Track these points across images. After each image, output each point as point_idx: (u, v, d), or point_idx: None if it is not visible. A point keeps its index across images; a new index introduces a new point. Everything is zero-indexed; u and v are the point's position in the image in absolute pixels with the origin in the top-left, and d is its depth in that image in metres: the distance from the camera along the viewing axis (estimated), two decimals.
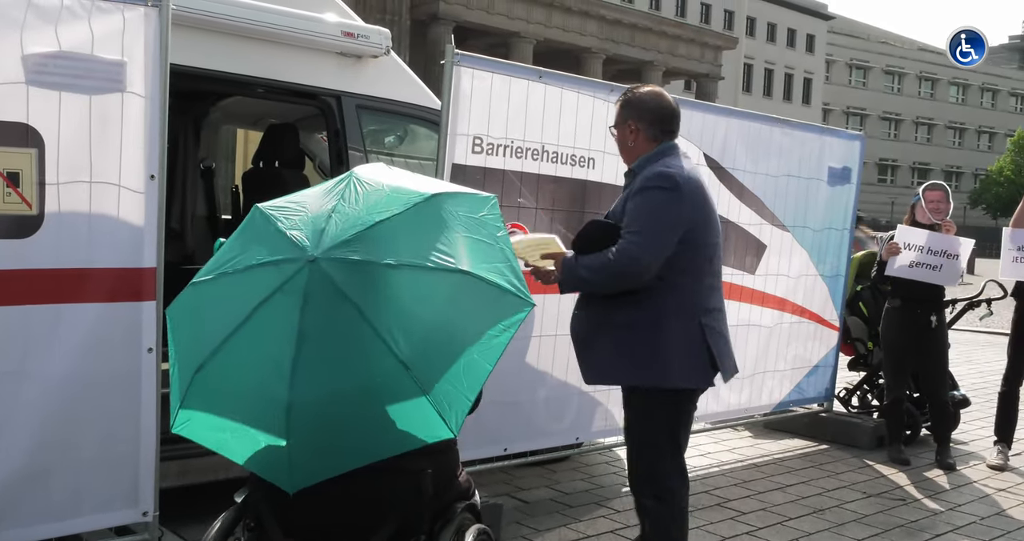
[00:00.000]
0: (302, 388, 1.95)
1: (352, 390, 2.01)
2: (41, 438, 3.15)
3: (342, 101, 4.87)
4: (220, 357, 2.03)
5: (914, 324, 5.89)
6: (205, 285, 2.15)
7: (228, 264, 2.11)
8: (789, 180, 5.90)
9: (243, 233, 2.22)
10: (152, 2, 3.31)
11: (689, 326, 3.21)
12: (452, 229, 2.11)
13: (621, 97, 3.50)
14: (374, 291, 1.99)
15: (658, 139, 3.35)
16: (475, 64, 4.25)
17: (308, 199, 2.22)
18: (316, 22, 4.67)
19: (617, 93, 4.85)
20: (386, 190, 2.17)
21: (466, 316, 2.11)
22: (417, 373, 1.97)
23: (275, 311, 1.99)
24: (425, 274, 2.01)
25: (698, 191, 3.25)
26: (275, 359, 1.97)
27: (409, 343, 1.97)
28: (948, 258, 5.74)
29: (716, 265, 3.38)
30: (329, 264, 1.98)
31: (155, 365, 3.37)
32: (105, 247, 3.22)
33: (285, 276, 1.99)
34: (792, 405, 6.45)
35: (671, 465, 3.29)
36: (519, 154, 4.44)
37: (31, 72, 3.02)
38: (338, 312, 1.96)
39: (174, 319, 2.23)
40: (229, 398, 2.09)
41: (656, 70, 37.22)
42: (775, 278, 5.95)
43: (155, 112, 3.31)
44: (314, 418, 2.00)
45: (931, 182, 6.19)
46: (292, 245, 2.04)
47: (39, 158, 3.05)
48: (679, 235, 3.15)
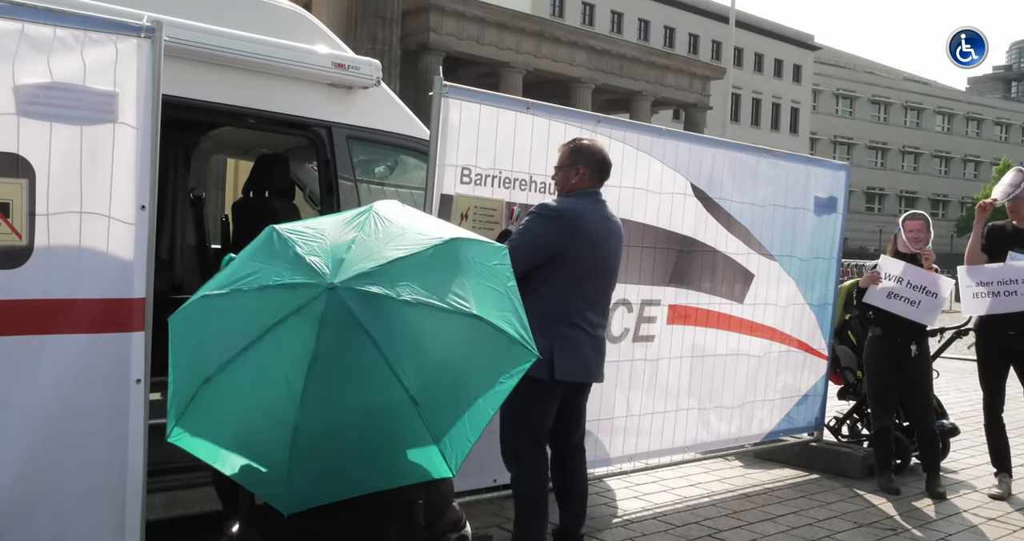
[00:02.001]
0: (311, 411, 1.98)
1: (359, 418, 2.04)
2: (26, 469, 3.13)
3: (332, 131, 4.91)
4: (229, 372, 2.05)
5: (895, 353, 5.93)
6: (216, 299, 2.16)
7: (243, 281, 2.13)
8: (776, 209, 5.96)
9: (258, 252, 2.24)
10: (145, 33, 3.34)
11: (544, 328, 3.67)
12: (467, 274, 2.17)
13: (571, 143, 4.18)
14: (390, 324, 2.03)
15: (594, 184, 4.11)
16: (463, 95, 4.30)
17: (326, 227, 2.25)
18: (307, 53, 4.72)
19: (605, 124, 4.95)
20: (405, 228, 2.22)
21: (475, 360, 2.16)
22: (424, 410, 2.01)
23: (290, 333, 2.02)
24: (440, 314, 2.07)
25: (575, 224, 3.94)
26: (287, 380, 2.00)
27: (419, 379, 2.02)
28: (927, 295, 5.78)
29: (595, 286, 4.06)
30: (348, 293, 2.02)
31: (143, 396, 3.35)
32: (94, 278, 3.22)
33: (302, 300, 2.02)
34: (782, 434, 6.45)
35: (526, 438, 3.98)
36: (507, 184, 4.48)
37: (23, 102, 3.04)
38: (353, 341, 1.99)
39: (178, 328, 2.24)
40: (234, 413, 2.11)
41: (645, 100, 37.53)
42: (763, 307, 5.98)
43: (146, 143, 3.33)
44: (319, 442, 2.02)
45: (911, 211, 6.26)
46: (311, 270, 2.07)
47: (30, 188, 3.06)
48: (545, 253, 3.88)
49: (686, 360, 5.54)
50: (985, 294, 5.74)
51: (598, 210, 4.09)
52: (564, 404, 4.10)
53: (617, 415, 5.18)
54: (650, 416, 5.39)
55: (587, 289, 4.02)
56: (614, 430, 5.19)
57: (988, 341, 5.89)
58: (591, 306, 4.05)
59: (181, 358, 2.21)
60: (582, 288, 3.99)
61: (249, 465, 2.13)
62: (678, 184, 5.32)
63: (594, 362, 4.12)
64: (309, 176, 6.30)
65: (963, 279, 5.83)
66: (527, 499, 4.03)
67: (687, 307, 5.48)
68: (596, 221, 4.04)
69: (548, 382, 3.90)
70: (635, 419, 5.30)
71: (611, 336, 5.05)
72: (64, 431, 3.19)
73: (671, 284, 5.36)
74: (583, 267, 3.98)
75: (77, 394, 3.20)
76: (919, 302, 5.79)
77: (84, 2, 3.68)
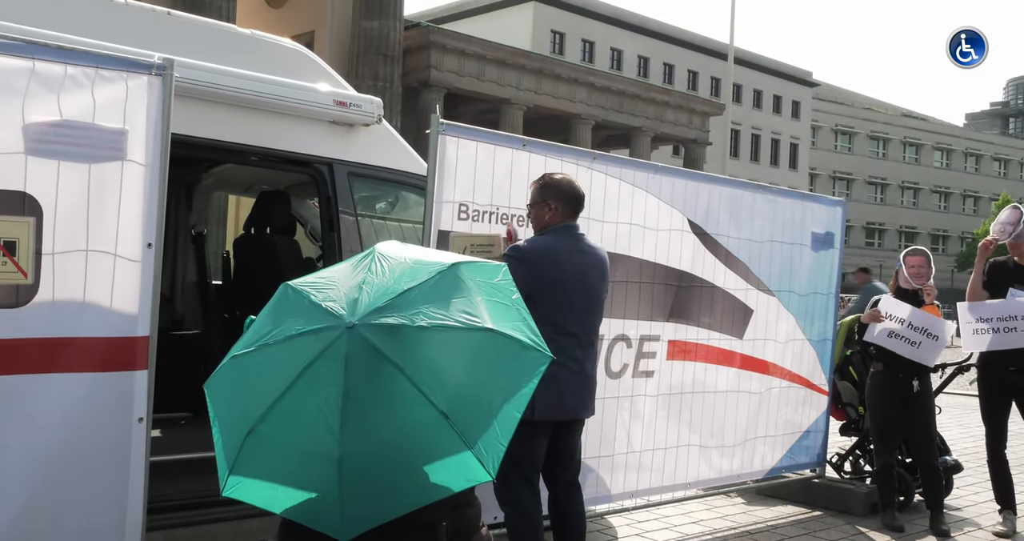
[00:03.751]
0: (351, 442, 2.11)
1: (396, 440, 2.17)
2: (26, 508, 3.13)
3: (334, 168, 4.97)
4: (270, 420, 2.18)
5: (897, 388, 5.93)
6: (246, 357, 2.31)
7: (267, 337, 2.28)
8: (773, 245, 6.01)
9: (275, 309, 2.39)
10: (156, 70, 3.38)
11: None
12: (473, 293, 2.35)
13: (541, 180, 4.17)
14: (410, 350, 2.17)
15: (567, 218, 4.12)
16: (460, 133, 4.37)
17: (336, 275, 2.41)
18: (309, 91, 4.79)
19: (601, 160, 5.02)
20: (409, 262, 2.39)
21: (493, 369, 2.32)
22: (455, 421, 2.15)
23: (319, 374, 2.15)
24: (455, 332, 2.23)
25: (543, 262, 3.94)
26: (324, 417, 2.13)
27: (445, 394, 2.16)
28: (928, 337, 5.80)
29: (578, 321, 4.05)
30: (366, 329, 2.16)
31: (145, 435, 3.37)
32: (99, 316, 3.24)
33: (325, 342, 2.16)
34: (784, 471, 6.44)
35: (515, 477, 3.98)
36: (504, 220, 4.53)
37: (31, 140, 3.07)
38: (379, 371, 2.14)
39: (215, 392, 2.38)
40: (279, 457, 2.24)
41: (644, 136, 37.81)
42: (763, 342, 6.00)
43: (154, 180, 3.36)
44: (364, 469, 2.15)
45: (912, 247, 6.30)
46: (328, 315, 2.22)
47: (36, 227, 3.08)
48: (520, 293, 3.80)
49: (687, 395, 5.55)
50: (986, 330, 5.76)
51: (574, 244, 4.09)
52: (554, 442, 4.10)
53: (618, 451, 5.18)
54: (651, 452, 5.39)
55: (569, 324, 4.01)
56: (615, 466, 5.18)
57: (990, 377, 5.90)
58: (576, 341, 4.04)
59: (223, 415, 2.35)
60: (563, 324, 3.97)
61: (301, 503, 2.25)
62: (675, 220, 5.38)
63: (579, 398, 4.10)
64: (310, 212, 6.36)
65: (963, 315, 5.85)
66: (518, 537, 4.05)
67: (687, 342, 5.50)
68: (570, 255, 4.04)
69: (531, 421, 3.86)
70: (636, 455, 5.29)
71: (611, 371, 5.06)
72: (65, 470, 3.20)
73: (670, 319, 5.39)
74: (561, 303, 3.98)
75: (79, 433, 3.21)
76: (919, 343, 5.81)
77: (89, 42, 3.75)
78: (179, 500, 4.11)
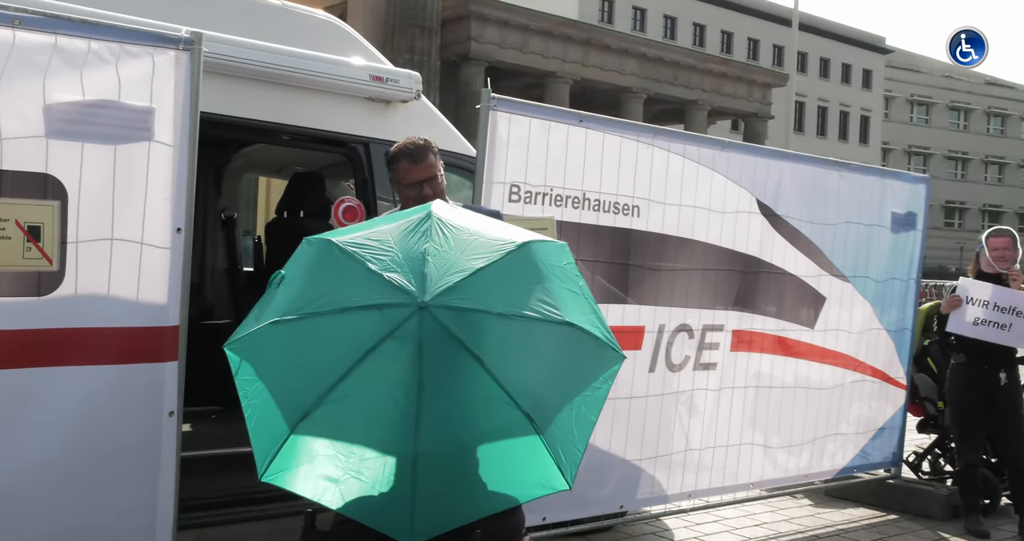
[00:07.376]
0: (428, 439, 2.02)
1: (476, 441, 2.12)
2: (54, 505, 3.18)
3: (370, 148, 4.96)
4: (329, 405, 2.06)
5: (982, 382, 5.81)
6: (290, 326, 2.13)
7: (315, 304, 2.11)
8: (848, 227, 5.90)
9: (318, 270, 2.22)
10: (184, 45, 3.38)
11: None
12: (546, 279, 2.22)
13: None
14: (490, 340, 2.07)
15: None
16: (512, 108, 4.33)
17: (388, 237, 2.22)
18: (343, 66, 4.78)
19: (662, 136, 4.95)
20: (472, 233, 2.24)
21: (573, 368, 2.24)
22: (539, 425, 2.08)
23: (389, 359, 2.03)
24: (535, 324, 2.11)
25: None
26: (397, 409, 2.03)
27: (529, 393, 2.08)
28: (1019, 316, 5.65)
29: None
30: (441, 312, 2.02)
31: (175, 429, 3.40)
32: (127, 304, 3.27)
33: (393, 323, 2.02)
34: (856, 470, 6.36)
35: None
36: (559, 202, 4.50)
37: (53, 120, 3.08)
38: (458, 361, 2.03)
39: (245, 357, 2.22)
40: (339, 447, 2.14)
41: (701, 110, 37.49)
42: (835, 333, 5.91)
43: (183, 162, 3.36)
44: (440, 469, 2.09)
45: (996, 228, 6.14)
46: (394, 289, 2.05)
47: (61, 211, 3.11)
48: None
49: (751, 390, 5.50)
50: None
51: None
52: None
53: (676, 450, 5.14)
54: (711, 450, 5.34)
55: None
56: (672, 465, 5.15)
57: None
58: None
59: (257, 391, 2.20)
60: None
61: (361, 498, 2.16)
62: (743, 200, 5.31)
63: None
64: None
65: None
66: None
67: (752, 332, 5.44)
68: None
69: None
70: (695, 453, 5.26)
71: (671, 364, 5.03)
72: (91, 466, 3.24)
73: (735, 308, 5.33)
74: None
75: (107, 427, 3.25)
76: (1010, 325, 5.66)
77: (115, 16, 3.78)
78: (211, 498, 4.16)
